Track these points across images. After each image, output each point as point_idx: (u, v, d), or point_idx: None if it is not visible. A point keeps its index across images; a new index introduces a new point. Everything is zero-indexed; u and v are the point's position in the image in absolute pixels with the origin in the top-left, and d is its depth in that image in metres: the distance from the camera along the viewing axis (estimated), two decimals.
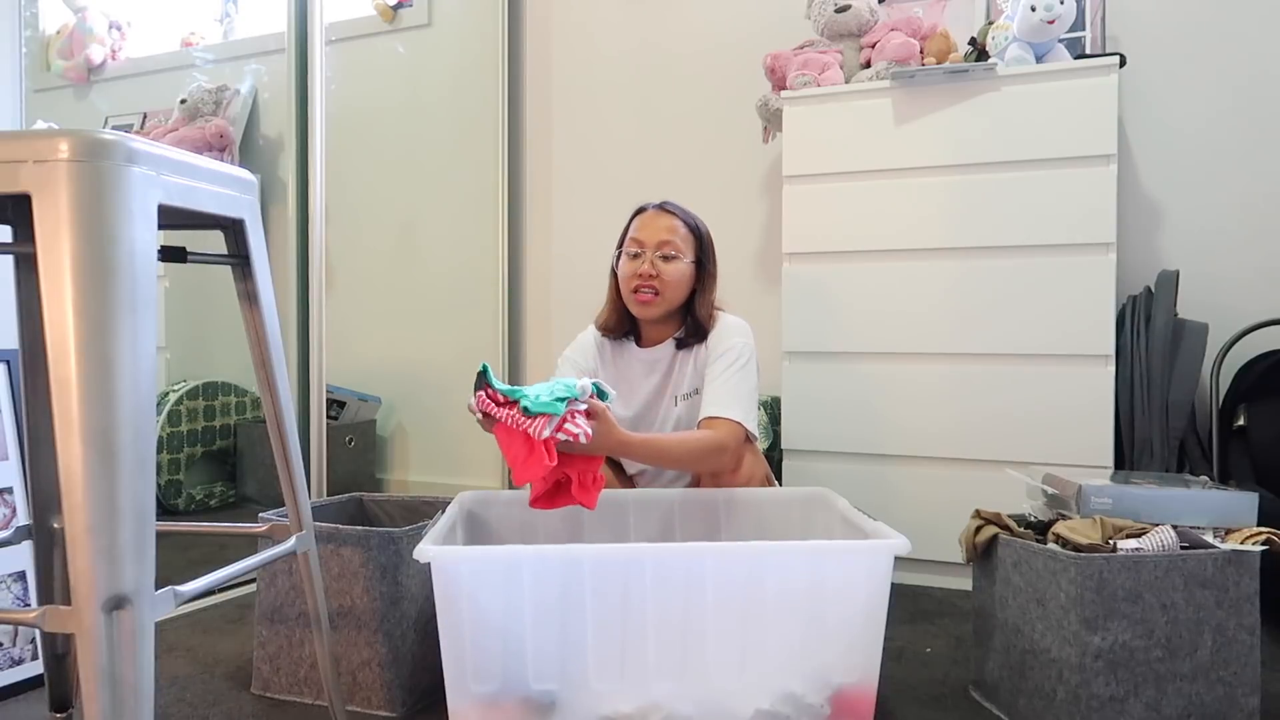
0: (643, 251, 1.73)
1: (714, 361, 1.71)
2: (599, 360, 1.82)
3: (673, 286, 1.73)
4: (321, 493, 2.13)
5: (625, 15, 2.78)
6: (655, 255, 1.72)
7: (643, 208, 1.81)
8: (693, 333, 1.78)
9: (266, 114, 2.74)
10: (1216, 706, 1.25)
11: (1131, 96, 2.21)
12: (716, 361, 1.71)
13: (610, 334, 1.83)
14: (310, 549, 1.18)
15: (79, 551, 0.78)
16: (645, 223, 1.77)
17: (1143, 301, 2.00)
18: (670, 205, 1.80)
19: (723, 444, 1.60)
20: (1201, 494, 1.36)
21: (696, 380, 1.76)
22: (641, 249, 1.74)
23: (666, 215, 1.77)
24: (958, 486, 2.02)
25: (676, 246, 1.73)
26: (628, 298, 1.76)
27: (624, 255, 1.77)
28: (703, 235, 1.79)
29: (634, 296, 1.74)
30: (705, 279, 1.78)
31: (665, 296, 1.73)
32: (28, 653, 1.49)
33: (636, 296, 1.73)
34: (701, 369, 1.75)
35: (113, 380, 0.80)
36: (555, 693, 1.23)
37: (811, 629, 1.23)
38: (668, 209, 1.79)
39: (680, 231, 1.75)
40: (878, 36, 2.20)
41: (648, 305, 1.73)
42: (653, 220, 1.76)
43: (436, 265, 2.96)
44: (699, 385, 1.75)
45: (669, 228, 1.75)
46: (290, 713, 1.42)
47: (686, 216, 1.79)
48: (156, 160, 0.88)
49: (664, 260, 1.72)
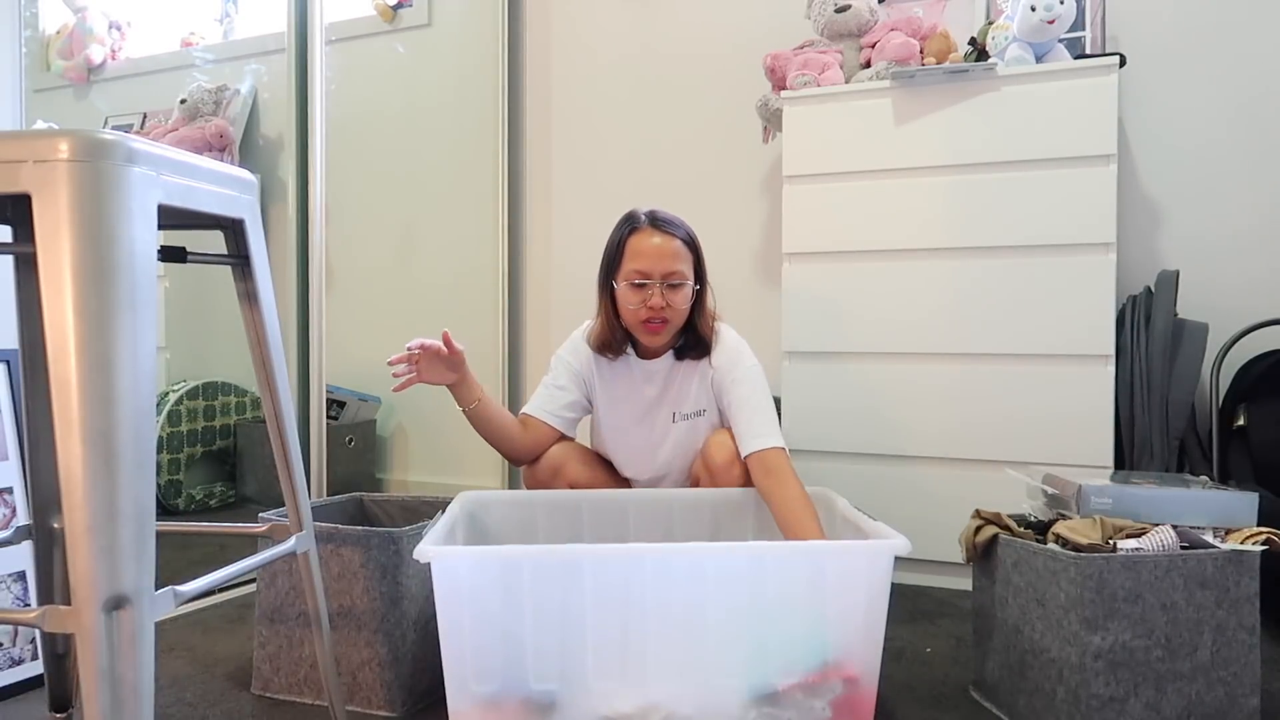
0: (649, 282, 1.66)
1: (734, 386, 1.67)
2: (598, 369, 1.80)
3: (681, 313, 1.70)
4: (321, 493, 2.13)
5: (625, 15, 2.78)
6: (664, 286, 1.66)
7: (634, 225, 1.70)
8: (693, 345, 1.75)
9: (266, 114, 2.74)
10: (1216, 706, 1.25)
11: (1131, 96, 2.21)
12: (737, 386, 1.67)
13: (609, 353, 1.77)
14: (310, 549, 1.18)
15: (79, 551, 0.78)
16: (646, 251, 1.67)
17: (1143, 301, 2.00)
18: (662, 221, 1.70)
19: (798, 482, 1.56)
20: (1201, 494, 1.36)
21: (701, 400, 1.75)
22: (647, 279, 1.66)
23: (666, 237, 1.68)
24: (958, 486, 2.02)
25: (682, 273, 1.67)
26: (634, 326, 1.71)
27: (625, 284, 1.68)
28: (697, 247, 1.73)
29: (643, 327, 1.69)
30: (703, 290, 1.74)
31: (672, 323, 1.70)
32: (28, 653, 1.49)
33: (647, 327, 1.68)
34: (707, 389, 1.74)
35: (113, 380, 0.80)
36: (555, 693, 1.23)
37: (812, 629, 1.23)
38: (663, 228, 1.69)
39: (683, 254, 1.69)
40: (878, 36, 2.20)
41: (657, 334, 1.69)
42: (655, 248, 1.67)
43: (436, 265, 2.96)
44: (704, 406, 1.74)
45: (674, 254, 1.67)
46: (290, 713, 1.42)
47: (680, 231, 1.71)
48: (156, 160, 0.88)
49: (672, 289, 1.67)
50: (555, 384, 1.79)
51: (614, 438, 1.81)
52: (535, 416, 1.76)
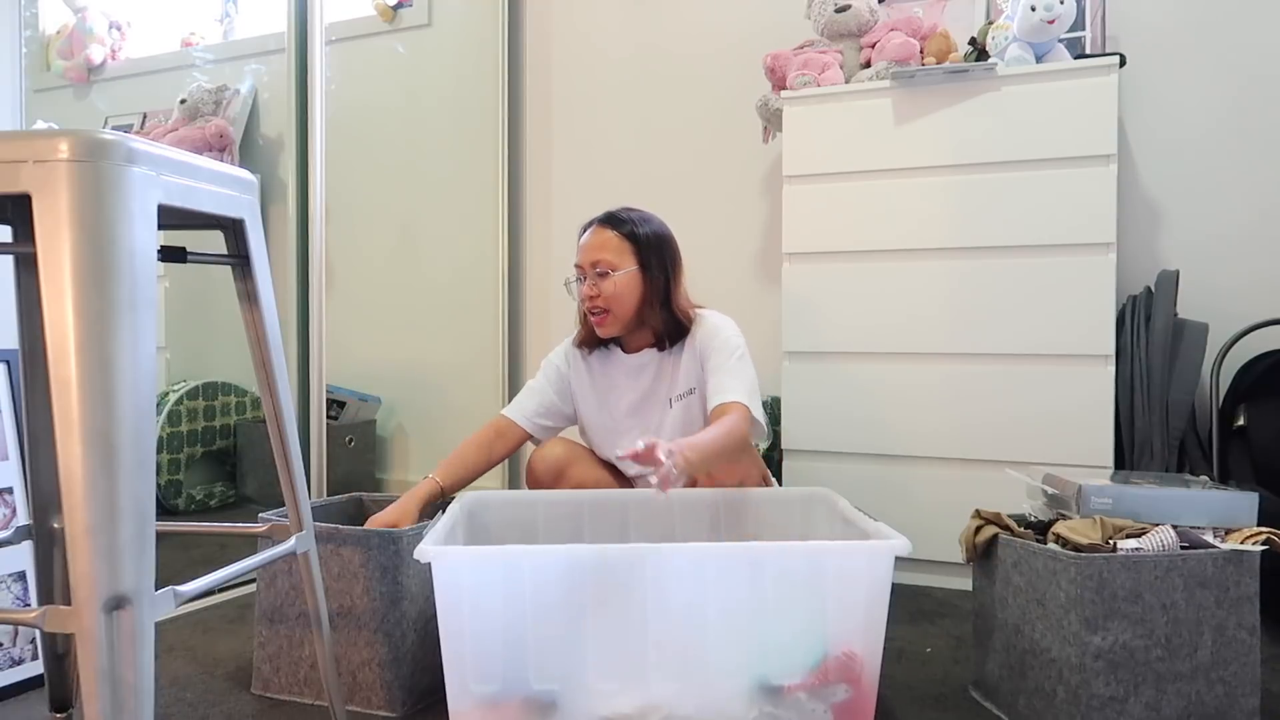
0: (583, 275, 1.75)
1: (710, 355, 1.71)
2: (586, 368, 1.84)
3: (616, 300, 1.72)
4: (321, 493, 2.13)
5: (625, 15, 2.78)
6: (593, 274, 1.73)
7: (588, 224, 1.79)
8: (670, 333, 1.76)
9: (266, 114, 2.75)
10: (1216, 706, 1.25)
11: (1131, 96, 2.21)
12: (713, 355, 1.71)
13: (586, 347, 1.84)
14: (310, 549, 1.18)
15: (79, 551, 0.77)
16: (582, 244, 1.77)
17: (1143, 301, 2.00)
18: (607, 217, 1.77)
19: (744, 428, 1.60)
20: (1201, 494, 1.36)
21: (691, 379, 1.76)
22: (582, 272, 1.75)
23: (599, 231, 1.75)
24: (958, 486, 2.02)
25: (608, 261, 1.72)
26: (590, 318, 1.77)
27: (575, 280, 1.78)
28: (642, 238, 1.74)
29: (590, 317, 1.76)
30: (654, 281, 1.74)
31: (615, 313, 1.73)
32: (28, 653, 1.49)
33: (591, 318, 1.75)
34: (696, 367, 1.75)
35: (113, 380, 0.80)
36: (556, 693, 1.23)
37: (812, 629, 1.23)
38: (602, 222, 1.76)
39: (611, 244, 1.73)
40: (878, 36, 2.20)
41: (602, 325, 1.74)
42: (588, 240, 1.76)
43: (436, 265, 2.96)
44: (694, 384, 1.75)
45: (598, 244, 1.73)
46: (290, 713, 1.42)
47: (621, 225, 1.74)
48: (156, 160, 0.88)
49: (600, 277, 1.72)
50: (534, 385, 1.86)
51: (609, 437, 1.81)
52: (508, 418, 1.82)
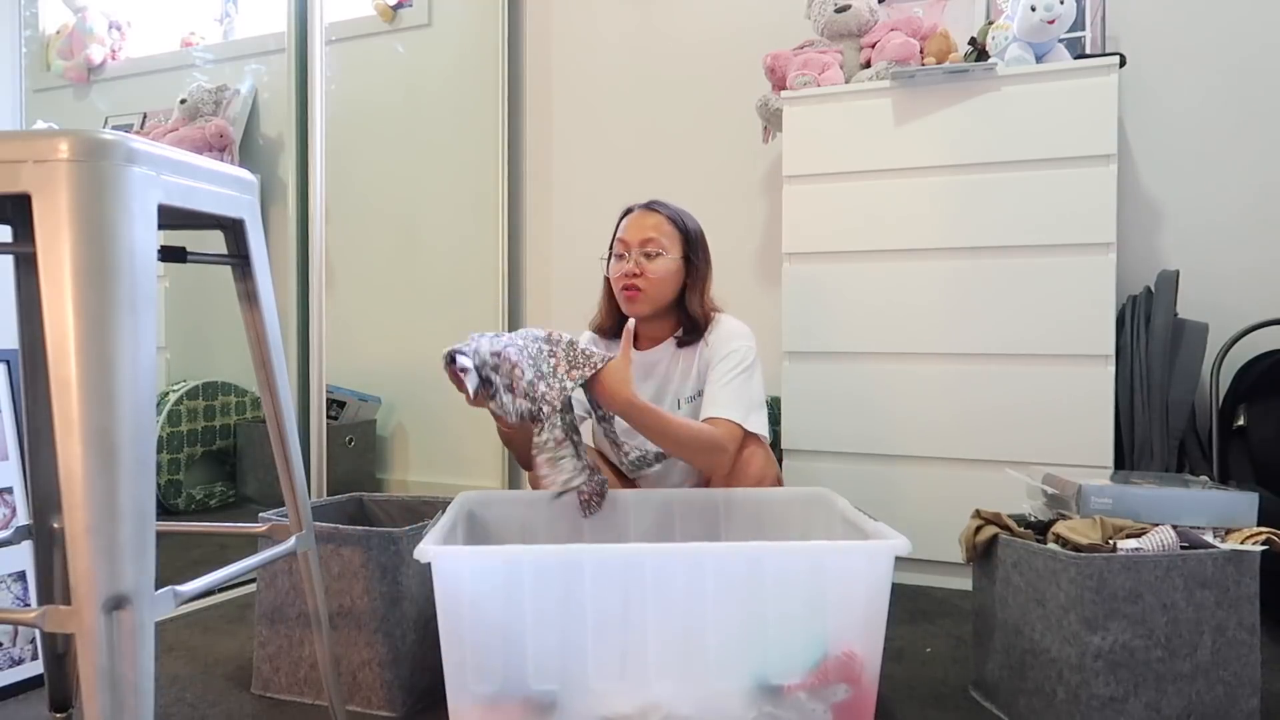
0: (628, 252, 1.76)
1: (716, 364, 1.72)
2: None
3: (657, 283, 1.75)
4: (321, 493, 2.13)
5: (625, 16, 2.78)
6: (639, 254, 1.74)
7: (630, 209, 1.82)
8: (690, 330, 1.79)
9: (266, 114, 2.74)
10: (1216, 706, 1.25)
11: (1131, 96, 2.21)
12: (719, 364, 1.72)
13: (605, 335, 1.85)
14: (310, 549, 1.18)
15: (79, 551, 0.77)
16: (630, 223, 1.79)
17: (1143, 301, 2.00)
18: (657, 204, 1.81)
19: (722, 444, 1.61)
20: (1201, 494, 1.36)
21: (700, 382, 1.76)
22: (627, 249, 1.76)
23: (651, 214, 1.79)
24: (958, 486, 2.02)
25: (660, 244, 1.75)
26: (618, 296, 1.79)
27: (613, 257, 1.80)
28: (690, 231, 1.80)
29: (623, 295, 1.76)
30: (695, 274, 1.79)
31: (650, 294, 1.75)
32: (28, 653, 1.49)
33: (625, 294, 1.76)
34: (704, 371, 1.75)
35: (113, 380, 0.80)
36: (555, 693, 1.23)
37: (811, 629, 1.23)
38: (653, 207, 1.80)
39: (664, 228, 1.77)
40: (878, 36, 2.19)
41: (634, 302, 1.75)
42: (638, 220, 1.78)
43: (436, 265, 2.96)
44: (703, 388, 1.75)
45: (653, 225, 1.76)
46: (290, 713, 1.42)
47: (672, 213, 1.80)
48: (156, 160, 0.88)
49: (647, 258, 1.74)
50: None
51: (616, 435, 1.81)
52: None
